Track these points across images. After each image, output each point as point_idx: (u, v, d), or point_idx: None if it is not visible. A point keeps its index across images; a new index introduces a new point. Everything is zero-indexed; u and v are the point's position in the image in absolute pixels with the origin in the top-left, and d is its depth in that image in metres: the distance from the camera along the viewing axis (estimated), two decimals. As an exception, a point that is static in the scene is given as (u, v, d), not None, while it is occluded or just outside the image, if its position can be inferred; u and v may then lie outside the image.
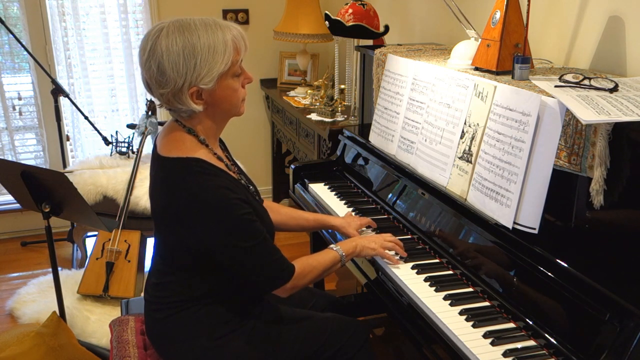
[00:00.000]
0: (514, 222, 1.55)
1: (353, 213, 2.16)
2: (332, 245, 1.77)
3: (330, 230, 2.20)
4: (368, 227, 2.03)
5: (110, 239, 2.96)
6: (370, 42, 2.88)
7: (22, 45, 3.23)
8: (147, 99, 3.46)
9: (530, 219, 1.52)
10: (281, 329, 1.68)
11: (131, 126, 3.47)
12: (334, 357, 1.70)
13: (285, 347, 1.66)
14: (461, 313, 1.52)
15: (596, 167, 1.43)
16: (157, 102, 1.56)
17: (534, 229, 1.52)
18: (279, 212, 1.97)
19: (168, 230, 1.57)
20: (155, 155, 1.59)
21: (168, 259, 1.62)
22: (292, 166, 2.61)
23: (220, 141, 1.72)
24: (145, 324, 1.73)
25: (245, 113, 1.65)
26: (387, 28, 2.87)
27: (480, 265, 1.64)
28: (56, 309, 2.48)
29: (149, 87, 1.51)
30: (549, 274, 1.43)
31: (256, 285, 1.60)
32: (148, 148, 3.36)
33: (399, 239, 1.93)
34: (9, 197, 3.46)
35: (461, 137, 1.81)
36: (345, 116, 3.05)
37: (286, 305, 1.77)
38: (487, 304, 1.56)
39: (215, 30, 1.47)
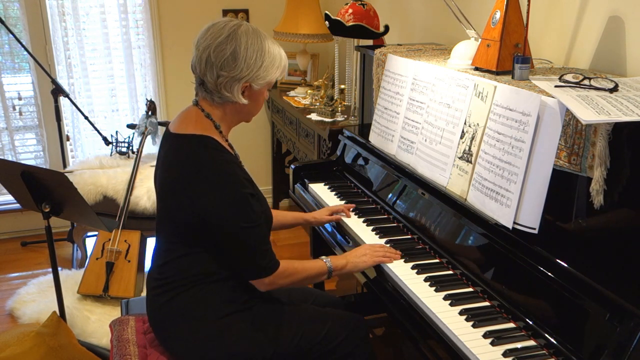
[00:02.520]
0: (514, 222, 1.55)
1: (353, 213, 2.16)
2: (323, 257, 1.82)
3: (330, 230, 2.21)
4: (358, 213, 2.12)
5: (110, 239, 2.96)
6: (370, 42, 2.88)
7: (22, 45, 3.23)
8: (147, 99, 3.46)
9: (530, 219, 1.52)
10: (284, 317, 1.72)
11: (131, 126, 3.47)
12: (333, 351, 1.72)
13: (288, 333, 1.68)
14: (461, 313, 1.52)
15: (596, 167, 1.43)
16: (197, 81, 1.64)
17: (534, 229, 1.52)
18: None
19: (176, 202, 1.61)
20: (167, 134, 1.68)
21: (173, 234, 1.67)
22: (292, 166, 2.61)
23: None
24: (149, 315, 1.74)
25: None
26: (387, 28, 2.87)
27: (480, 265, 1.64)
28: (56, 309, 2.48)
29: (205, 66, 1.58)
30: (549, 274, 1.43)
31: (240, 269, 1.65)
32: (148, 148, 3.37)
33: (399, 239, 1.94)
34: (9, 197, 3.46)
35: (461, 137, 1.81)
36: (345, 116, 3.05)
37: (285, 297, 1.81)
38: (487, 304, 1.57)
39: (278, 46, 1.66)
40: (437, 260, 1.80)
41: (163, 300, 1.67)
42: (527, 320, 1.44)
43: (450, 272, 1.74)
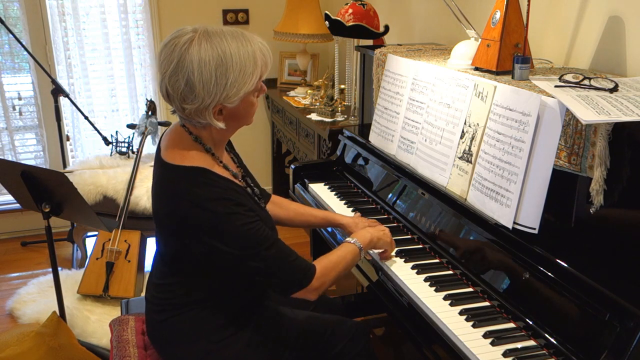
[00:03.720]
0: (514, 222, 1.55)
1: (353, 213, 2.16)
2: (348, 239, 1.73)
3: (330, 230, 2.20)
4: None
5: (110, 239, 2.96)
6: (370, 42, 2.88)
7: (22, 45, 3.23)
8: (147, 99, 3.46)
9: (530, 219, 1.52)
10: (281, 331, 1.68)
11: (131, 126, 3.47)
12: (334, 359, 1.70)
13: (286, 348, 1.66)
14: (461, 313, 1.52)
15: (596, 167, 1.43)
16: (172, 109, 1.51)
17: (534, 229, 1.52)
18: (287, 207, 1.94)
19: (170, 235, 1.56)
20: (159, 159, 1.55)
21: (169, 261, 1.61)
22: (292, 166, 2.61)
23: (228, 142, 1.68)
24: (146, 325, 1.73)
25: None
26: (387, 28, 2.87)
27: (480, 265, 1.64)
28: (56, 309, 2.48)
29: (169, 98, 1.46)
30: (549, 274, 1.43)
31: (279, 290, 1.57)
32: (148, 148, 3.37)
33: (399, 239, 1.94)
34: (9, 197, 3.46)
35: (461, 137, 1.81)
36: (345, 116, 3.05)
37: (287, 307, 1.77)
38: (487, 304, 1.56)
39: (246, 44, 1.43)
40: (437, 260, 1.80)
41: (159, 318, 1.63)
42: (527, 320, 1.44)
43: (450, 272, 1.74)
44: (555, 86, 1.56)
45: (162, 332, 1.65)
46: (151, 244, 3.18)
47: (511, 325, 1.47)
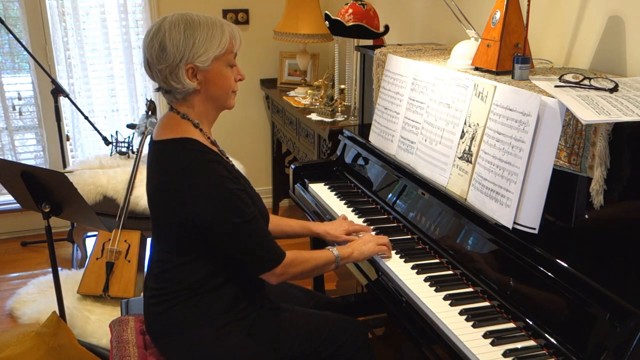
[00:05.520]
0: (514, 222, 1.55)
1: (353, 213, 2.16)
2: (329, 247, 1.80)
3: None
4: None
5: (110, 239, 2.96)
6: (370, 42, 2.88)
7: (22, 45, 3.23)
8: (147, 99, 3.46)
9: (530, 219, 1.52)
10: (282, 323, 1.70)
11: (131, 126, 3.47)
12: (333, 356, 1.71)
13: (286, 341, 1.67)
14: (461, 313, 1.52)
15: (596, 167, 1.43)
16: (154, 85, 1.64)
17: (534, 229, 1.52)
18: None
19: (164, 210, 1.61)
20: (150, 143, 1.66)
21: (166, 243, 1.65)
22: (292, 166, 2.61)
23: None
24: (146, 322, 1.74)
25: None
26: (387, 28, 2.87)
27: (480, 265, 1.64)
28: (56, 309, 2.48)
29: (149, 67, 1.59)
30: (549, 274, 1.43)
31: (246, 266, 1.62)
32: (148, 148, 3.37)
33: (399, 239, 1.94)
34: (9, 197, 3.46)
35: (461, 137, 1.81)
36: (345, 116, 3.04)
37: (287, 304, 1.79)
38: (487, 304, 1.57)
39: (215, 20, 1.59)
40: (437, 260, 1.80)
41: (159, 310, 1.65)
42: (527, 320, 1.44)
43: (450, 272, 1.74)
44: (555, 86, 1.56)
45: (163, 326, 1.66)
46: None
47: (511, 325, 1.47)
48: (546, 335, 1.37)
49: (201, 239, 1.57)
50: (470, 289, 1.64)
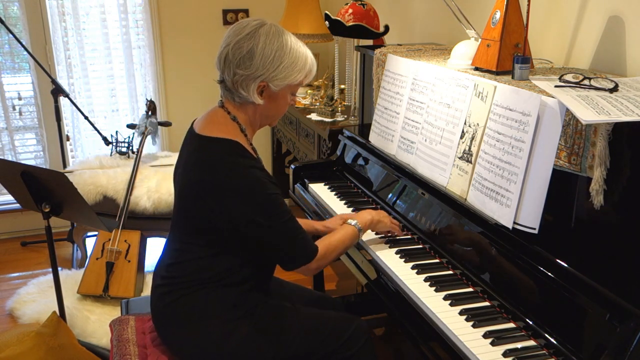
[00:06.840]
0: (514, 222, 1.55)
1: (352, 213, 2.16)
2: (349, 220, 1.85)
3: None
4: None
5: (110, 239, 2.96)
6: (370, 42, 2.88)
7: (22, 45, 3.23)
8: (147, 99, 3.46)
9: (530, 219, 1.52)
10: (285, 320, 1.72)
11: (131, 126, 3.47)
12: (335, 354, 1.71)
13: (289, 337, 1.69)
14: (461, 313, 1.52)
15: (596, 167, 1.43)
16: (219, 78, 1.66)
17: (534, 229, 1.52)
18: None
19: (198, 204, 1.62)
20: (193, 134, 1.68)
21: (190, 235, 1.67)
22: (292, 166, 2.61)
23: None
24: (152, 310, 1.74)
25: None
26: (387, 28, 2.87)
27: (480, 265, 1.64)
28: (56, 309, 2.48)
29: (224, 62, 1.61)
30: (549, 274, 1.43)
31: (283, 262, 1.68)
32: (148, 148, 3.38)
33: (399, 239, 1.94)
34: (9, 197, 3.46)
35: (461, 137, 1.81)
36: (345, 116, 3.05)
37: (287, 302, 1.80)
38: (487, 304, 1.57)
39: (304, 51, 1.66)
40: (437, 260, 1.80)
41: (168, 299, 1.67)
42: (527, 320, 1.44)
43: (450, 272, 1.74)
44: (555, 86, 1.56)
45: (171, 315, 1.68)
46: (151, 244, 3.18)
47: (511, 325, 1.47)
48: (546, 335, 1.37)
49: (234, 236, 1.61)
50: (470, 289, 1.64)
